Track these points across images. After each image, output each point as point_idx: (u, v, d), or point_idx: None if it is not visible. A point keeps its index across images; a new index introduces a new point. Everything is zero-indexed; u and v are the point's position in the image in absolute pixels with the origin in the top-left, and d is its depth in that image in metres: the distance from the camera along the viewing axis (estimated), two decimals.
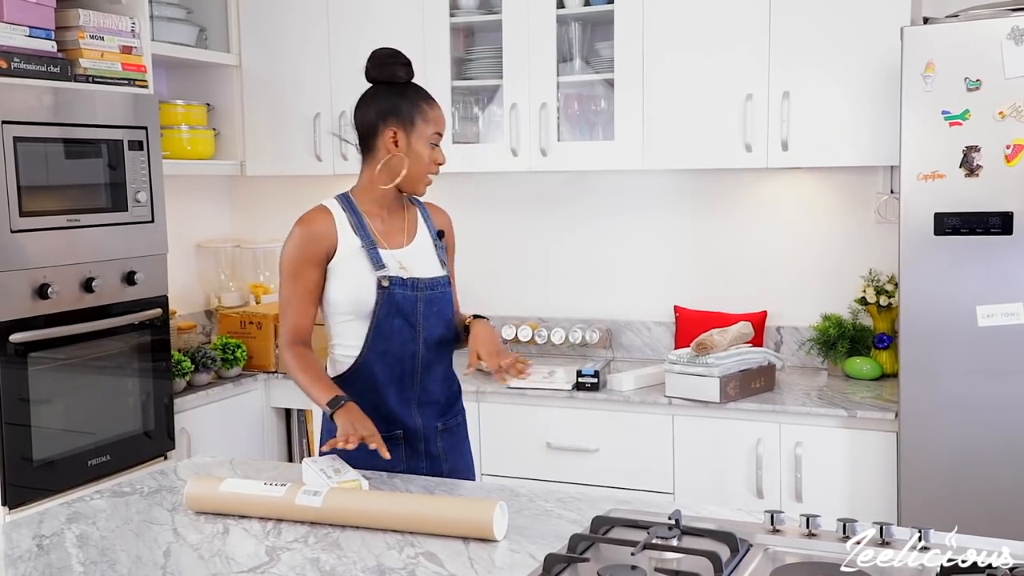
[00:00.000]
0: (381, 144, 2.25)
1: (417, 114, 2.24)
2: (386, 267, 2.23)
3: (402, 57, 2.29)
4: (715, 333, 3.07)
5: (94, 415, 3.06)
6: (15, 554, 1.77)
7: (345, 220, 2.26)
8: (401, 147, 2.23)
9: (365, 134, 2.27)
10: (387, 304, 2.22)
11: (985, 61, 2.62)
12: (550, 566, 1.56)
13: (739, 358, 3.05)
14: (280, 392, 3.75)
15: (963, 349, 2.71)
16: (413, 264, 2.27)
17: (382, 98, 2.25)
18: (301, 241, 2.24)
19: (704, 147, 3.29)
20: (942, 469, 2.76)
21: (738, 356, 3.05)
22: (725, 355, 3.03)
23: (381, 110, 2.24)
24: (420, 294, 2.25)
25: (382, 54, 2.29)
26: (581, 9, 3.43)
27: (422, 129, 2.24)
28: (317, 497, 1.85)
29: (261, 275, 4.19)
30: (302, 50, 3.80)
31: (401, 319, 2.23)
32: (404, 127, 2.23)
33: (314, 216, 2.28)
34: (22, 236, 2.80)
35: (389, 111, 2.23)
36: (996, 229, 2.64)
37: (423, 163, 2.25)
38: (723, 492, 3.05)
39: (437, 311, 2.28)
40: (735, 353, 3.05)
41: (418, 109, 2.24)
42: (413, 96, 2.26)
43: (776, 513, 1.71)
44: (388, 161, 2.24)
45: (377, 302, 2.21)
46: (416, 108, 2.24)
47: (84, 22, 3.05)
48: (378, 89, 2.27)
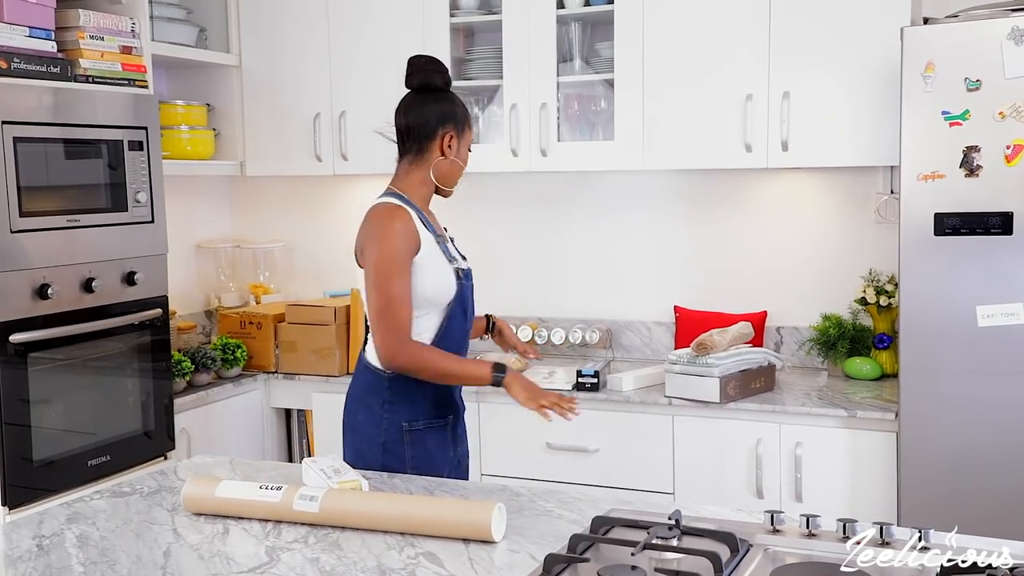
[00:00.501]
0: (436, 146, 2.36)
1: (467, 120, 2.41)
2: (455, 259, 2.38)
3: (439, 65, 2.41)
4: (715, 333, 3.07)
5: (94, 415, 3.06)
6: (15, 554, 1.77)
7: (416, 217, 2.33)
8: (452, 150, 2.37)
9: (421, 136, 2.36)
10: (459, 295, 2.35)
11: (985, 61, 2.62)
12: (550, 566, 1.56)
13: (739, 358, 3.05)
14: (280, 392, 3.75)
15: (963, 349, 2.71)
16: (458, 255, 2.43)
17: (440, 103, 2.36)
18: (402, 236, 2.27)
19: (704, 147, 3.29)
20: (942, 469, 2.76)
21: (738, 356, 3.05)
22: (725, 355, 3.03)
23: (441, 114, 2.36)
24: (472, 284, 2.42)
25: (420, 61, 2.40)
26: (581, 9, 3.43)
27: (468, 135, 2.41)
28: (314, 503, 1.84)
29: (261, 275, 4.19)
30: (302, 50, 3.80)
31: (461, 309, 2.37)
32: (458, 131, 2.37)
33: (401, 212, 2.32)
34: (22, 236, 2.80)
35: (448, 116, 2.36)
36: (996, 229, 2.64)
37: (461, 166, 2.41)
38: (723, 492, 3.05)
39: (473, 301, 2.45)
40: (735, 353, 3.05)
41: (468, 116, 2.41)
42: (462, 104, 2.41)
43: (776, 513, 1.71)
44: (440, 163, 2.36)
45: (456, 294, 2.34)
46: (467, 115, 2.41)
47: (84, 22, 3.05)
48: (428, 95, 2.37)
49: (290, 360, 3.68)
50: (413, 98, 2.38)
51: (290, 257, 4.25)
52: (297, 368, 3.67)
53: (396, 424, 2.33)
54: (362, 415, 2.38)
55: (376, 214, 2.33)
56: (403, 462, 2.33)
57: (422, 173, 2.37)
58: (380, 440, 2.33)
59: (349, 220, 4.13)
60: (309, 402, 3.64)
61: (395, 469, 2.31)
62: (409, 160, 2.39)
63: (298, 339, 3.65)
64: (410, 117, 2.36)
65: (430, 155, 2.36)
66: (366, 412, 2.37)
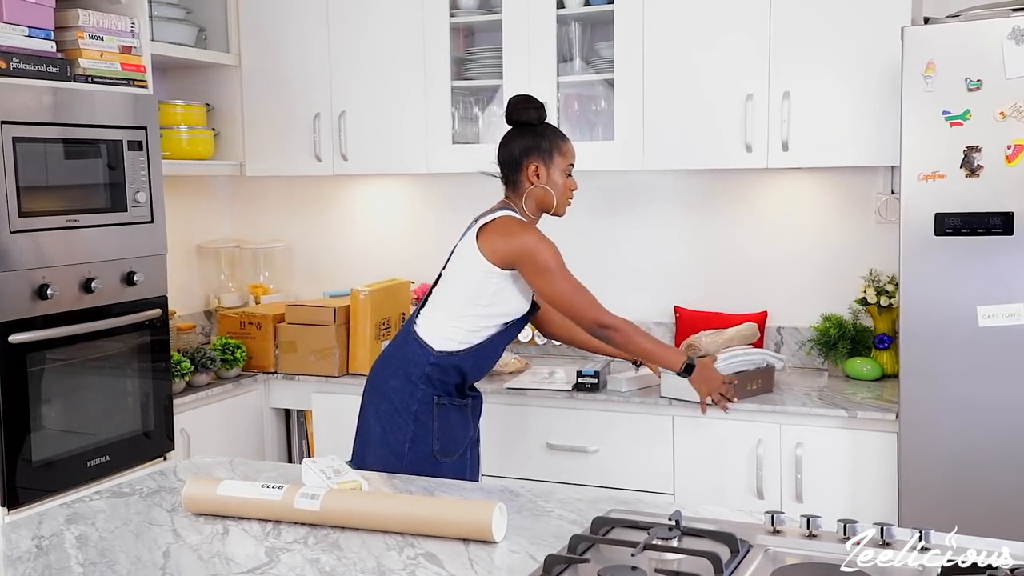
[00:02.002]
0: (523, 177, 2.64)
1: (555, 148, 2.64)
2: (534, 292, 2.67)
3: (535, 102, 2.66)
4: (703, 336, 3.06)
5: (93, 416, 3.05)
6: (14, 555, 1.77)
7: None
8: (541, 179, 2.63)
9: (510, 168, 2.66)
10: (523, 320, 2.69)
11: (986, 61, 2.62)
12: (550, 567, 1.55)
13: (734, 360, 3.04)
14: (279, 393, 3.75)
15: (964, 350, 2.70)
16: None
17: (525, 137, 2.64)
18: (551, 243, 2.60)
19: (704, 147, 3.29)
20: (942, 470, 2.75)
21: (733, 358, 3.04)
22: (721, 356, 3.02)
23: (524, 148, 2.63)
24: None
25: (517, 99, 2.67)
26: (581, 9, 3.43)
27: (559, 161, 2.64)
28: (315, 501, 1.84)
29: (261, 275, 4.19)
30: (302, 50, 3.80)
31: (518, 329, 2.70)
32: (544, 161, 2.63)
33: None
34: (21, 236, 2.79)
35: (531, 148, 2.63)
36: (997, 229, 2.64)
37: (561, 189, 2.66)
38: (723, 493, 3.05)
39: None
40: (731, 355, 3.04)
41: (555, 144, 2.64)
42: (551, 135, 2.65)
43: (776, 514, 1.71)
44: (531, 191, 2.63)
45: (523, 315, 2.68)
46: (554, 144, 2.64)
47: (83, 22, 3.05)
48: (517, 130, 2.66)
49: (290, 360, 3.68)
50: (506, 134, 2.68)
51: (290, 257, 4.25)
52: (297, 368, 3.67)
53: (429, 396, 2.59)
54: (396, 381, 2.62)
55: (515, 221, 2.59)
56: (430, 432, 2.59)
57: (520, 201, 2.66)
58: (412, 408, 2.59)
59: (349, 220, 4.17)
60: (309, 402, 3.64)
61: (422, 437, 2.58)
62: (509, 190, 2.68)
63: (298, 339, 3.65)
64: (501, 152, 2.67)
65: (521, 186, 2.64)
66: (402, 379, 2.61)
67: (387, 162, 3.73)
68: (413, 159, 3.66)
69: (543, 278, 2.56)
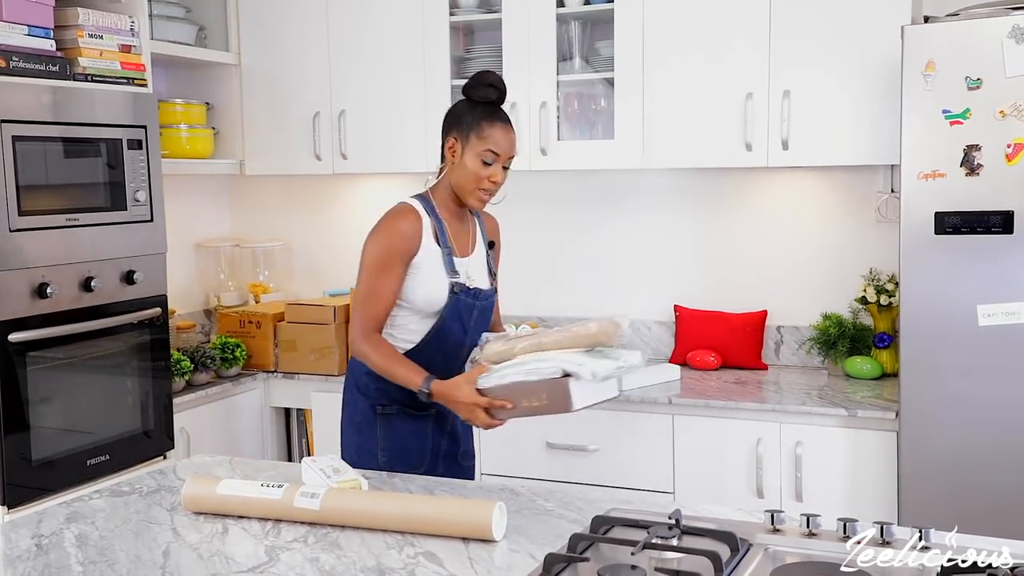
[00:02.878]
0: (446, 151, 2.39)
1: (474, 129, 2.33)
2: (458, 274, 2.38)
3: (492, 78, 2.38)
4: (493, 339, 2.31)
5: (93, 415, 3.05)
6: (14, 554, 1.77)
7: (429, 224, 2.37)
8: (456, 157, 2.36)
9: (442, 141, 2.41)
10: (453, 308, 2.37)
11: (986, 60, 2.62)
12: (550, 566, 1.55)
13: (513, 369, 2.16)
14: (279, 391, 3.75)
15: (964, 348, 2.70)
16: (474, 274, 2.44)
17: (457, 109, 2.39)
18: (395, 236, 2.33)
19: (704, 146, 3.29)
20: (942, 469, 2.75)
21: (512, 367, 2.17)
22: (497, 368, 2.20)
23: (450, 120, 2.39)
24: (477, 303, 2.42)
25: (479, 74, 2.40)
26: (581, 8, 3.43)
27: (475, 144, 2.33)
28: (315, 500, 1.84)
29: (260, 274, 4.19)
30: (302, 49, 3.79)
31: (459, 324, 2.40)
32: (461, 139, 2.35)
33: (408, 214, 2.37)
34: (21, 235, 2.79)
35: (454, 122, 2.37)
36: (997, 228, 2.64)
37: (470, 176, 2.34)
38: (723, 492, 3.05)
39: (483, 319, 2.45)
40: (510, 366, 2.18)
41: (477, 124, 2.33)
42: (479, 113, 2.35)
43: (776, 513, 1.71)
44: (449, 169, 2.38)
45: (446, 305, 2.37)
46: (475, 123, 2.33)
47: (83, 21, 3.04)
48: (461, 102, 2.40)
49: (289, 359, 3.68)
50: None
51: (289, 256, 4.25)
52: (296, 367, 3.67)
53: (370, 406, 2.42)
54: (346, 395, 2.50)
55: (389, 210, 2.39)
56: (374, 442, 2.41)
57: (444, 179, 2.41)
58: (356, 420, 2.44)
59: (349, 219, 4.16)
60: (308, 401, 3.64)
61: (368, 449, 2.41)
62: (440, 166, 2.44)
63: (297, 338, 3.65)
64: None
65: (443, 162, 2.41)
66: (349, 393, 2.48)
67: (387, 161, 3.73)
68: (413, 158, 3.65)
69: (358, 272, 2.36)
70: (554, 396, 2.13)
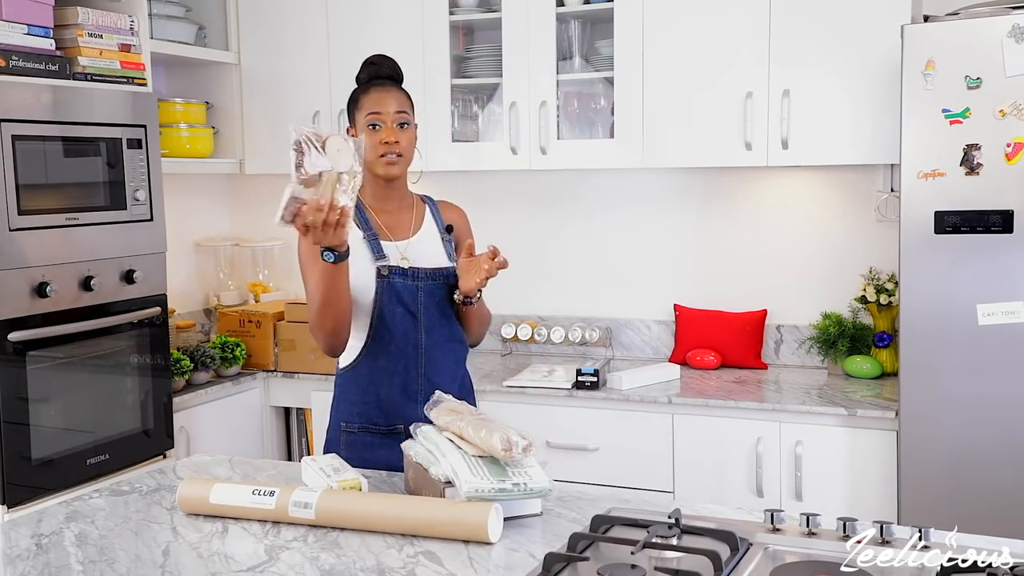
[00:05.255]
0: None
1: (355, 104, 2.33)
2: (387, 257, 2.29)
3: (371, 58, 2.37)
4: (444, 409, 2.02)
5: (93, 414, 3.05)
6: (14, 553, 1.77)
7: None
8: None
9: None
10: (387, 293, 2.27)
11: (986, 59, 2.62)
12: (550, 565, 1.55)
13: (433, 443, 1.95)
14: (279, 391, 3.75)
15: (963, 348, 2.70)
16: (415, 255, 2.32)
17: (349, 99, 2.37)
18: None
19: (704, 145, 3.28)
20: (942, 468, 2.75)
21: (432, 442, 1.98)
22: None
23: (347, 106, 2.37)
24: (421, 283, 2.30)
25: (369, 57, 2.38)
26: (581, 7, 3.43)
27: (359, 117, 2.31)
28: (309, 510, 1.82)
29: (260, 274, 4.19)
30: (301, 48, 3.79)
31: (402, 308, 2.28)
32: (353, 119, 2.33)
33: None
34: (21, 235, 2.79)
35: (347, 110, 2.37)
36: (996, 227, 2.64)
37: (368, 147, 2.25)
38: (723, 491, 3.05)
39: (438, 302, 2.32)
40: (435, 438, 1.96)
41: (356, 100, 2.33)
42: (357, 91, 2.34)
43: (776, 512, 1.71)
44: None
45: (377, 291, 2.27)
46: (355, 99, 2.33)
47: (83, 20, 3.04)
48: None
49: (289, 359, 3.68)
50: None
51: (289, 255, 4.24)
52: (296, 367, 3.67)
53: (336, 422, 2.36)
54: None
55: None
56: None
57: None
58: (331, 435, 2.37)
59: None
60: (308, 401, 3.64)
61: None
62: None
63: (297, 338, 3.65)
64: None
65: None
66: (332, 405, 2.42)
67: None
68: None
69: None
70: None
